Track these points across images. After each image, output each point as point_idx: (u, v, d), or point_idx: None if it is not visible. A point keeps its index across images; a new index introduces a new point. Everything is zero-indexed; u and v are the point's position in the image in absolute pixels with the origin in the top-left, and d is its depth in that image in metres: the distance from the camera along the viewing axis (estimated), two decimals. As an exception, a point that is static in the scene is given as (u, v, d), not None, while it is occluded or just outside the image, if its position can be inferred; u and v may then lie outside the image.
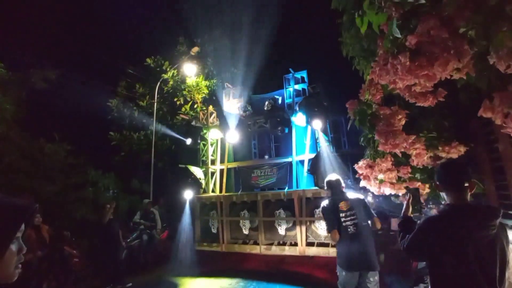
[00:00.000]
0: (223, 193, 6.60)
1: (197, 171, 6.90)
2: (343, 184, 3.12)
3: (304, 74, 6.84)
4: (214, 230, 6.53)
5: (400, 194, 3.35)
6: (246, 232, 6.20)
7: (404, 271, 4.80)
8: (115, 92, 9.30)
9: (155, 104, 8.60)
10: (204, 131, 7.21)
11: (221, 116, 7.24)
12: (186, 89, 9.19)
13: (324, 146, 6.02)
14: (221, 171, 6.99)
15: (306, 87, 6.70)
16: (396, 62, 1.55)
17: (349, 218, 2.86)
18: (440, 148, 2.21)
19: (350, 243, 2.80)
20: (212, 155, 7.19)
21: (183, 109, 9.44)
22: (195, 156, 7.60)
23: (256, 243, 5.96)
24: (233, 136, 6.63)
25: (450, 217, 1.31)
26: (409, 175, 2.77)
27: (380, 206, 8.37)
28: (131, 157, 9.26)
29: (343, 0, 3.96)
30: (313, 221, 5.50)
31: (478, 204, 1.53)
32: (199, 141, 7.37)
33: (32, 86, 6.94)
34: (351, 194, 3.13)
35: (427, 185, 2.40)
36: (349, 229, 2.82)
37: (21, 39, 7.14)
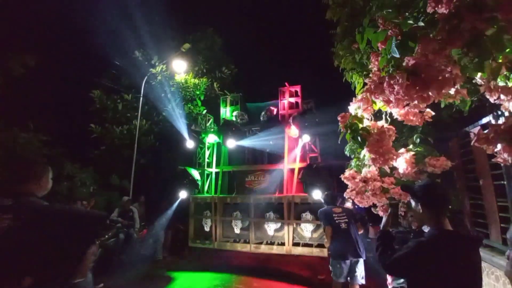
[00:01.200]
0: (218, 194, 7.13)
1: (194, 173, 7.39)
2: (339, 199, 4.12)
3: (298, 88, 7.55)
4: (207, 229, 7.15)
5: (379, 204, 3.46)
6: (237, 231, 6.83)
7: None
8: (98, 82, 8.91)
9: (141, 98, 8.33)
10: (203, 135, 7.77)
11: (217, 121, 7.89)
12: (174, 86, 9.00)
13: (313, 157, 7.00)
14: (216, 173, 7.56)
15: (299, 101, 7.49)
16: (393, 82, 1.57)
17: (341, 218, 3.71)
18: (427, 162, 2.29)
19: (342, 236, 3.56)
20: (208, 158, 7.84)
21: (169, 106, 9.24)
22: (189, 157, 8.05)
23: (246, 241, 6.63)
24: (230, 142, 7.26)
25: (441, 244, 1.35)
26: (393, 185, 2.86)
27: (360, 213, 8.53)
28: (111, 151, 8.91)
29: (337, 11, 4.02)
30: (299, 224, 6.22)
31: (463, 232, 1.59)
32: (196, 144, 7.87)
33: (9, 72, 6.51)
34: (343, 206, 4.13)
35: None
36: (341, 226, 3.63)
37: (-2, 20, 6.68)
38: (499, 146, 1.31)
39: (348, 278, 3.56)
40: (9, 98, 7.24)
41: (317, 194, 5.70)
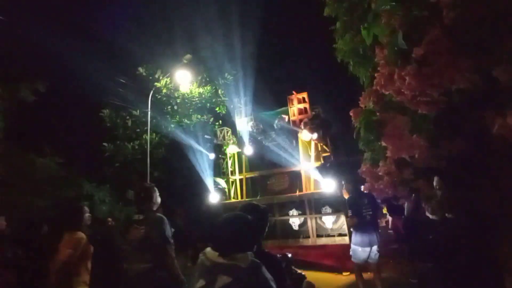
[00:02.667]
0: (244, 198, 7.99)
1: (220, 181, 8.28)
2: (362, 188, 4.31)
3: (305, 95, 8.39)
4: None
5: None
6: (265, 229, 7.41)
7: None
8: (107, 102, 9.14)
9: (149, 113, 8.50)
10: (224, 147, 8.67)
11: (235, 132, 8.80)
12: (180, 97, 9.15)
13: (326, 156, 7.90)
14: (240, 180, 8.39)
15: (307, 107, 8.30)
16: (404, 73, 1.60)
17: (367, 211, 3.97)
18: (443, 146, 2.27)
19: (366, 227, 3.90)
20: (230, 167, 8.64)
21: (176, 118, 9.39)
22: (206, 165, 8.83)
23: (274, 238, 7.05)
24: (249, 150, 8.17)
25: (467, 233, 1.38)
26: (412, 176, 2.85)
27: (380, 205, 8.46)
28: (126, 167, 9.10)
29: (335, 7, 4.05)
30: (321, 217, 6.84)
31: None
32: (217, 155, 8.86)
33: (22, 100, 6.76)
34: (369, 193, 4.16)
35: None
36: (366, 218, 3.93)
37: (8, 51, 6.96)
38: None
39: (368, 260, 4.03)
40: (24, 125, 7.51)
41: (335, 188, 6.43)
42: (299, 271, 2.00)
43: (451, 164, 2.35)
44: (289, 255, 2.07)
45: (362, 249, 3.88)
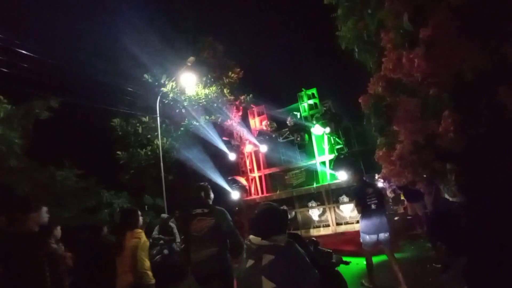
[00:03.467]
0: (264, 194, 8.52)
1: (241, 180, 8.55)
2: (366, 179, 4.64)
3: (314, 90, 8.72)
4: None
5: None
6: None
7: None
8: (117, 111, 9.33)
9: (158, 118, 8.64)
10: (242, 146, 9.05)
11: (249, 132, 9.17)
12: (187, 100, 9.24)
13: (339, 148, 8.16)
14: (259, 177, 8.98)
15: (317, 102, 8.64)
16: (412, 56, 1.58)
17: (372, 200, 4.02)
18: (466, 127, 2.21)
19: (371, 215, 3.97)
20: (249, 165, 9.13)
21: (185, 121, 9.50)
22: (227, 167, 9.17)
23: (296, 229, 7.32)
24: (265, 148, 8.68)
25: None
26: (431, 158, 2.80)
27: (397, 192, 8.47)
28: (140, 173, 9.30)
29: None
30: (339, 207, 7.31)
31: None
32: (236, 155, 9.11)
33: (37, 117, 7.00)
34: (374, 183, 4.64)
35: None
36: (371, 206, 3.99)
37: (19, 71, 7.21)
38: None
39: (381, 246, 4.11)
40: (41, 140, 7.79)
41: (348, 178, 6.57)
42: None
43: (474, 145, 2.31)
44: (314, 239, 2.34)
45: (369, 236, 4.01)
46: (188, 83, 8.74)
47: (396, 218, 9.29)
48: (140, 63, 9.52)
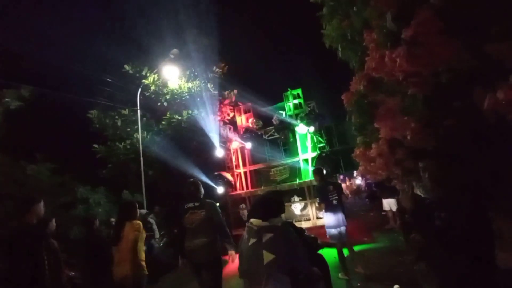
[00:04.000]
0: (249, 189, 8.86)
1: (227, 175, 8.76)
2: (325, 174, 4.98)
3: (299, 90, 9.12)
4: (244, 218, 8.82)
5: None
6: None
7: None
8: (94, 103, 8.92)
9: (138, 111, 8.36)
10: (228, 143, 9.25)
11: (236, 129, 9.50)
12: (169, 93, 9.01)
13: (321, 146, 8.72)
14: (245, 173, 9.30)
15: (302, 102, 9.08)
16: (394, 55, 1.62)
17: (333, 196, 4.45)
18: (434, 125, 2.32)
19: (334, 211, 4.40)
20: (235, 161, 9.37)
21: (167, 114, 9.26)
22: (212, 162, 9.30)
23: None
24: (250, 145, 9.01)
25: None
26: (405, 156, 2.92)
27: (372, 189, 8.87)
28: (119, 168, 8.98)
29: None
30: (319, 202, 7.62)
31: None
32: (223, 151, 9.22)
33: (7, 107, 6.53)
34: (334, 181, 5.40)
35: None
36: (333, 202, 4.43)
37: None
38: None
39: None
40: (12, 132, 7.29)
41: (329, 176, 7.02)
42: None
43: (443, 143, 2.42)
44: (301, 227, 2.65)
45: (334, 229, 4.40)
46: (171, 76, 8.51)
47: (371, 214, 9.69)
48: (121, 53, 9.15)
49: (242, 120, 9.89)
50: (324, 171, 4.96)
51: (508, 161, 2.15)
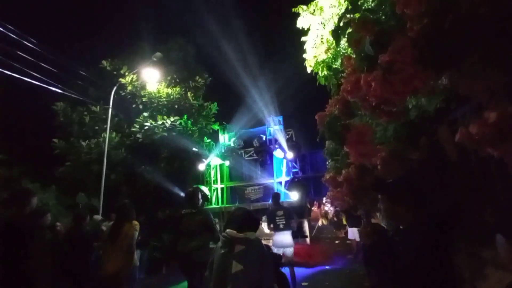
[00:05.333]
0: (224, 204, 9.23)
1: (205, 189, 8.84)
2: (280, 199, 5.60)
3: (280, 118, 9.86)
4: None
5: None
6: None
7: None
8: (62, 94, 8.31)
9: (110, 110, 7.90)
10: (209, 159, 9.46)
11: (218, 146, 9.91)
12: (146, 96, 8.68)
13: (295, 172, 9.47)
14: (221, 188, 9.83)
15: (282, 128, 9.76)
16: (370, 79, 1.61)
17: (281, 220, 4.95)
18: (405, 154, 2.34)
19: (280, 233, 4.92)
20: (213, 177, 9.83)
21: (141, 117, 8.86)
22: (173, 170, 9.09)
23: None
24: (231, 163, 9.58)
25: None
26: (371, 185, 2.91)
27: (340, 216, 9.04)
28: (78, 168, 8.28)
29: (308, 19, 4.13)
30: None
31: None
32: (201, 167, 9.48)
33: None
34: (284, 205, 5.78)
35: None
36: (280, 226, 4.93)
37: None
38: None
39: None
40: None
41: (299, 199, 7.86)
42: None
43: (410, 176, 2.43)
44: (268, 245, 2.79)
45: (277, 249, 4.80)
46: (151, 79, 8.27)
47: (336, 242, 9.76)
48: (101, 47, 8.78)
49: (225, 138, 10.43)
50: (280, 197, 5.62)
51: (468, 202, 2.18)
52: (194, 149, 9.26)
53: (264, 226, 8.48)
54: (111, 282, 3.13)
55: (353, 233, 7.22)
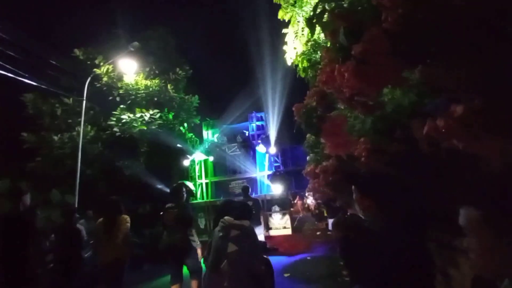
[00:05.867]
0: (209, 199, 9.77)
1: (190, 185, 8.94)
2: (250, 191, 5.91)
3: (262, 114, 10.80)
4: (202, 226, 9.27)
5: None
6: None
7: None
8: (31, 85, 7.79)
9: (84, 102, 7.51)
10: (193, 154, 9.56)
11: (202, 141, 10.18)
12: (123, 88, 8.33)
13: (277, 166, 10.23)
14: (206, 184, 10.31)
15: (264, 124, 10.70)
16: (343, 70, 1.60)
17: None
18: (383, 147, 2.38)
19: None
20: (197, 172, 10.12)
21: (118, 110, 8.51)
22: (153, 164, 8.94)
23: None
24: (214, 158, 9.94)
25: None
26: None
27: (321, 208, 9.27)
28: (50, 163, 7.85)
29: (289, 10, 4.09)
30: (271, 214, 8.74)
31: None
32: (185, 162, 9.54)
33: None
34: (254, 198, 6.15)
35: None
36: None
37: None
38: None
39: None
40: None
41: (280, 192, 8.57)
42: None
43: (387, 167, 2.48)
44: None
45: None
46: (128, 70, 7.92)
47: (318, 233, 10.03)
48: (74, 35, 8.29)
49: (209, 134, 10.87)
50: (250, 190, 5.95)
51: (438, 193, 2.25)
52: (178, 145, 9.20)
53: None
54: (110, 273, 3.54)
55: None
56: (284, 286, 4.69)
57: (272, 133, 10.58)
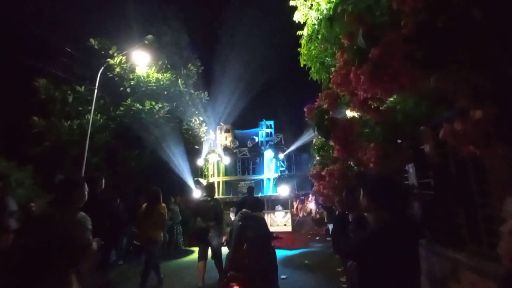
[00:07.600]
0: (220, 196, 9.98)
1: (203, 182, 9.74)
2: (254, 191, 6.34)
3: (272, 122, 11.91)
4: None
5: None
6: (233, 218, 10.03)
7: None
8: (45, 70, 7.92)
9: (96, 90, 7.60)
10: (207, 155, 10.47)
11: (215, 144, 11.20)
12: (135, 79, 8.41)
13: (282, 170, 11.23)
14: (218, 182, 10.65)
15: (273, 132, 11.87)
16: (360, 72, 1.59)
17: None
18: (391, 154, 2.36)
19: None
20: (210, 171, 10.89)
21: (128, 101, 8.60)
22: (158, 156, 9.08)
23: None
24: (227, 160, 10.99)
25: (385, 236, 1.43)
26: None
27: (322, 214, 9.29)
28: (57, 149, 7.96)
29: (305, 13, 4.08)
30: (274, 213, 9.52)
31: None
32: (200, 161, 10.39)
33: None
34: (254, 197, 6.17)
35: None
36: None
37: None
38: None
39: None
40: None
41: (284, 193, 9.28)
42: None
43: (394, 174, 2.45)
44: None
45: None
46: (140, 62, 7.99)
47: (317, 238, 9.96)
48: (90, 25, 8.41)
49: (222, 138, 11.79)
50: (253, 190, 6.31)
51: (444, 204, 2.22)
52: (196, 146, 10.06)
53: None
54: (147, 248, 4.32)
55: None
56: (286, 273, 5.21)
57: (280, 140, 11.91)
